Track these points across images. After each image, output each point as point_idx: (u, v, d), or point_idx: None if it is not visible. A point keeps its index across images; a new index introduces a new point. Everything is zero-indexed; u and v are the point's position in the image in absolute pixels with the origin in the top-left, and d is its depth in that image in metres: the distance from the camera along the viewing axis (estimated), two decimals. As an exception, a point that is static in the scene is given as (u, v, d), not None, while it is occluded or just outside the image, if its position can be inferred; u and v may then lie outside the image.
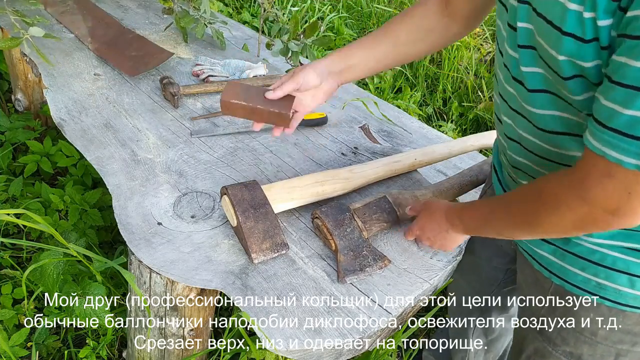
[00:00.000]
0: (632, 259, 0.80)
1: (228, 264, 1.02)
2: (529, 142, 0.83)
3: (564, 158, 0.79)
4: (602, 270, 0.83)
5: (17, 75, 2.01)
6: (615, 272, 0.82)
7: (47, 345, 1.49)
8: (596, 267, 0.83)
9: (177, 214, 1.11)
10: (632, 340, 0.86)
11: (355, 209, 1.12)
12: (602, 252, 0.82)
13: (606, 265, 0.82)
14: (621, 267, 0.81)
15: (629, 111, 0.59)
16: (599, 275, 0.83)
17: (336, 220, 1.07)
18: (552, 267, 0.89)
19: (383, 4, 3.66)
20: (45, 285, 1.17)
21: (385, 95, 2.98)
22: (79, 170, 1.89)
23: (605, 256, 0.82)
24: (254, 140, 1.39)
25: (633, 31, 0.57)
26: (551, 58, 0.68)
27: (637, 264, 0.80)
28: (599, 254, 0.82)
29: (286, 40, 1.59)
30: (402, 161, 1.30)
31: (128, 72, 1.58)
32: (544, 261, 0.91)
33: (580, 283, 0.86)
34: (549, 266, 0.90)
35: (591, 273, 0.84)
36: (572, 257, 0.86)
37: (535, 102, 0.77)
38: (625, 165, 0.61)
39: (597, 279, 0.83)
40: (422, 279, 1.04)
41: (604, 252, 0.82)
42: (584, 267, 0.84)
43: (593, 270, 0.84)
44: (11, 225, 1.83)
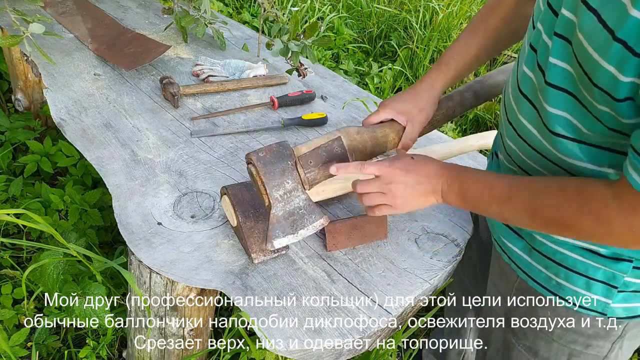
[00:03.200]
0: (590, 262, 0.81)
1: (228, 264, 1.02)
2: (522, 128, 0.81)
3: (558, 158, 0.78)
4: (562, 270, 0.84)
5: (17, 75, 2.01)
6: (574, 274, 0.83)
7: (47, 345, 1.49)
8: (557, 267, 0.84)
9: (177, 214, 1.11)
10: (585, 342, 0.87)
11: (300, 156, 0.93)
12: (563, 253, 0.83)
13: (566, 265, 0.83)
14: (580, 269, 0.82)
15: None
16: (559, 275, 0.85)
17: (273, 171, 0.90)
18: (519, 261, 0.91)
19: (383, 4, 3.66)
20: (45, 285, 1.17)
21: (385, 95, 2.98)
22: (79, 170, 1.90)
23: (566, 257, 0.83)
24: (254, 140, 1.38)
25: None
26: (589, 60, 0.63)
27: (595, 268, 0.81)
28: (561, 254, 0.83)
29: (286, 40, 1.59)
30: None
31: (125, 66, 1.58)
32: (512, 255, 0.92)
33: (543, 281, 0.87)
34: (516, 260, 0.91)
35: (553, 272, 0.85)
36: (538, 254, 0.87)
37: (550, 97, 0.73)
38: None
39: (558, 278, 0.85)
40: (422, 279, 1.04)
41: (565, 253, 0.83)
42: (547, 265, 0.86)
43: (555, 269, 0.85)
44: (11, 225, 1.83)
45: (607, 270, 0.80)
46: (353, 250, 1.08)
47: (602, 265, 0.80)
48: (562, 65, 0.69)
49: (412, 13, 3.51)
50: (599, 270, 0.80)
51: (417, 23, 3.38)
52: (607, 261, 0.79)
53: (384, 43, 3.48)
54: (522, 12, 0.96)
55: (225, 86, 1.57)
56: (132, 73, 1.60)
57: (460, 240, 1.14)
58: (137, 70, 1.61)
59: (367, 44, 3.48)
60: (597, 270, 0.81)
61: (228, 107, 1.51)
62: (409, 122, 1.00)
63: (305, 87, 1.69)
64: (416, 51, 3.29)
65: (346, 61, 3.20)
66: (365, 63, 3.29)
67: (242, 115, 1.49)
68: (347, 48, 3.38)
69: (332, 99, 1.65)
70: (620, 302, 0.81)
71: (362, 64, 3.28)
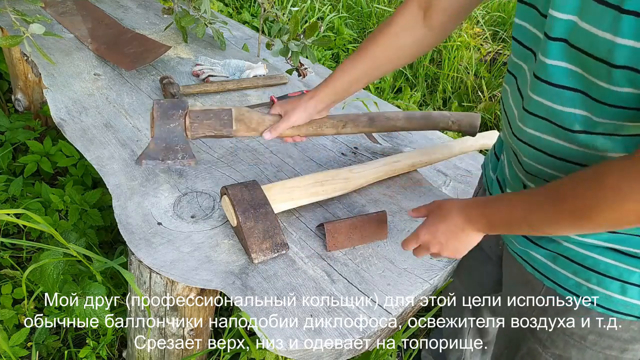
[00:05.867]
0: (624, 265, 0.79)
1: (228, 264, 1.02)
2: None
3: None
4: (594, 275, 0.82)
5: (17, 75, 2.01)
6: (607, 279, 0.81)
7: (47, 345, 1.49)
8: (588, 272, 0.82)
9: (177, 214, 1.11)
10: (621, 347, 0.86)
11: (190, 110, 1.14)
12: (594, 257, 0.81)
13: (598, 271, 0.81)
14: (614, 273, 0.80)
15: None
16: (590, 281, 0.82)
17: (166, 114, 1.12)
18: (544, 269, 0.88)
19: (383, 4, 3.66)
20: (45, 285, 1.17)
21: (385, 95, 2.98)
22: (79, 170, 1.89)
23: (598, 262, 0.81)
24: (254, 140, 1.39)
25: None
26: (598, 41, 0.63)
27: (630, 271, 0.79)
28: (592, 259, 0.81)
29: (286, 40, 1.59)
30: (402, 161, 1.30)
31: (125, 66, 1.58)
32: (536, 264, 0.90)
33: (572, 287, 0.85)
34: (540, 268, 0.89)
35: (583, 278, 0.83)
36: (565, 260, 0.85)
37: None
38: None
39: (589, 284, 0.83)
40: (422, 279, 1.04)
41: (596, 258, 0.81)
42: (576, 271, 0.84)
43: (585, 275, 0.83)
44: (11, 225, 1.83)
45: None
46: (353, 250, 1.08)
47: (637, 268, 0.78)
48: (563, 65, 0.70)
49: (412, 13, 3.50)
50: (635, 273, 0.79)
51: (417, 23, 3.37)
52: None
53: (384, 43, 3.48)
54: (402, 42, 1.05)
55: (225, 86, 1.57)
56: (132, 73, 1.60)
57: (460, 240, 1.13)
58: (137, 71, 1.61)
59: (367, 44, 3.48)
60: (633, 273, 0.79)
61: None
62: (284, 116, 1.17)
63: (305, 87, 1.69)
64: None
65: (346, 61, 3.20)
66: (365, 63, 3.29)
67: (242, 115, 1.49)
68: (347, 48, 3.39)
69: (332, 99, 1.65)
70: None
71: (362, 64, 3.27)
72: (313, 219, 1.14)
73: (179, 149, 1.12)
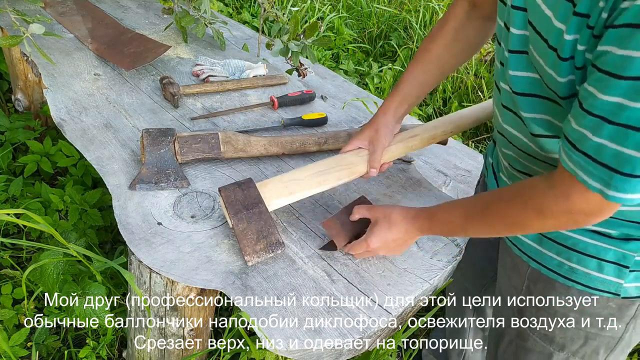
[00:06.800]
0: (601, 244, 0.84)
1: (228, 264, 1.02)
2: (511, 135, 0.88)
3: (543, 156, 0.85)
4: (574, 254, 0.87)
5: (17, 75, 2.01)
6: (586, 257, 0.86)
7: (47, 345, 1.49)
8: (569, 252, 0.88)
9: (177, 214, 1.11)
10: (600, 324, 0.90)
11: (179, 136, 1.20)
12: (575, 237, 0.86)
13: (578, 250, 0.87)
14: (591, 252, 0.85)
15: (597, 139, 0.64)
16: (571, 260, 0.88)
17: (155, 140, 1.18)
18: (530, 251, 0.94)
19: (383, 4, 3.66)
20: (45, 285, 1.17)
21: (385, 95, 2.98)
22: (79, 170, 1.89)
23: (578, 241, 0.86)
24: (254, 140, 1.38)
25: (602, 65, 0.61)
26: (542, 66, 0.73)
27: (606, 249, 0.84)
28: (572, 239, 0.87)
29: (286, 40, 1.59)
30: (420, 135, 1.19)
31: (125, 66, 1.58)
32: (524, 247, 0.95)
33: (555, 267, 0.90)
34: (527, 251, 0.94)
35: (565, 257, 0.89)
36: (549, 242, 0.90)
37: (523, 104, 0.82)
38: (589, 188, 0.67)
39: (570, 263, 0.88)
40: (422, 279, 1.04)
41: (576, 238, 0.86)
42: (559, 251, 0.89)
43: (566, 254, 0.88)
44: (11, 225, 1.84)
45: (617, 250, 0.83)
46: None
47: (612, 246, 0.83)
48: (523, 75, 0.78)
49: (412, 13, 3.51)
50: (610, 251, 0.84)
51: (417, 23, 3.38)
52: (617, 242, 0.83)
53: (384, 43, 3.49)
54: (462, 35, 1.06)
55: (225, 86, 1.57)
56: (132, 73, 1.60)
57: (460, 240, 1.14)
58: (137, 70, 1.61)
59: (367, 44, 3.48)
60: (608, 251, 0.84)
61: (228, 107, 1.51)
62: (372, 144, 1.11)
63: (305, 87, 1.69)
64: (416, 51, 3.30)
65: (346, 61, 3.20)
66: (365, 63, 3.29)
67: (242, 115, 1.49)
68: (347, 48, 3.39)
69: (332, 99, 1.65)
70: (632, 281, 0.84)
71: (362, 64, 3.28)
72: (313, 219, 1.14)
73: (171, 172, 1.17)
